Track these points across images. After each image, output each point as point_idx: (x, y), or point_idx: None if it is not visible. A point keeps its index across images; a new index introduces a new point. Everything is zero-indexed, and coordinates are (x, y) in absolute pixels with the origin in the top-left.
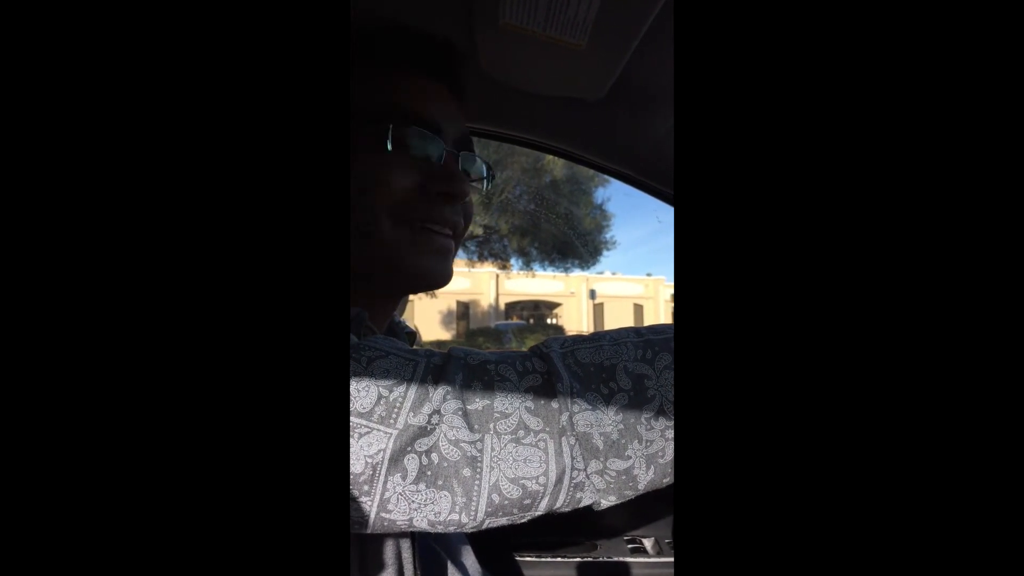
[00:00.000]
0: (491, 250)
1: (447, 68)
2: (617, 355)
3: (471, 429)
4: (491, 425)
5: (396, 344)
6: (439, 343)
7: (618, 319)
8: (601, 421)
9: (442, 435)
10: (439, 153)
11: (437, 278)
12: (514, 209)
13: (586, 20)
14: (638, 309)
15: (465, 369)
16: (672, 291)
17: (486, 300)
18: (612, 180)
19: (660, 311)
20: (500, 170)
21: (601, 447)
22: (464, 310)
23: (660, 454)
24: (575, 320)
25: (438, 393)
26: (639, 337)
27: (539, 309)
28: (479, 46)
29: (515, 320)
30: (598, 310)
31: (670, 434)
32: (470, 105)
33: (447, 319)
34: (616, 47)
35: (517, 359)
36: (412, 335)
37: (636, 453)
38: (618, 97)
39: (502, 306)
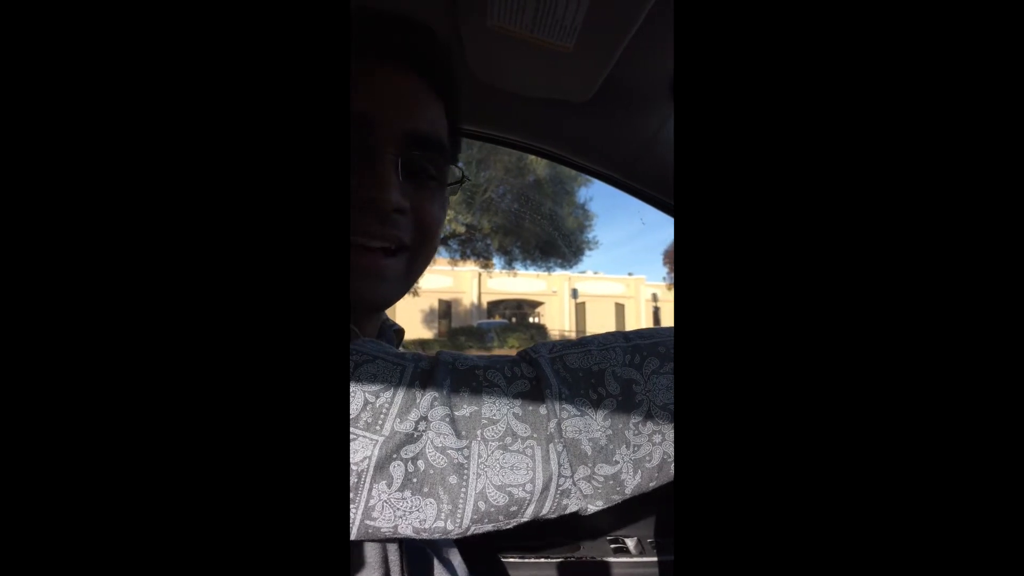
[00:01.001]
0: (474, 249)
1: (402, 47)
2: (605, 360)
3: (458, 436)
4: (478, 432)
5: (383, 348)
6: (421, 342)
7: (600, 318)
8: (590, 427)
9: (429, 442)
10: (364, 154)
11: (362, 301)
12: (497, 208)
13: (574, 22)
14: (619, 308)
15: (453, 374)
16: (652, 291)
17: (468, 299)
18: (595, 180)
19: (641, 310)
20: (483, 169)
21: (589, 453)
22: (446, 309)
23: (647, 458)
24: (557, 319)
25: (425, 399)
26: (627, 342)
27: (521, 308)
28: (466, 47)
29: (497, 319)
30: (580, 309)
31: (657, 439)
32: (447, 93)
33: (429, 318)
34: (604, 50)
35: (506, 364)
36: (399, 333)
37: (624, 458)
38: (605, 100)
39: (484, 305)
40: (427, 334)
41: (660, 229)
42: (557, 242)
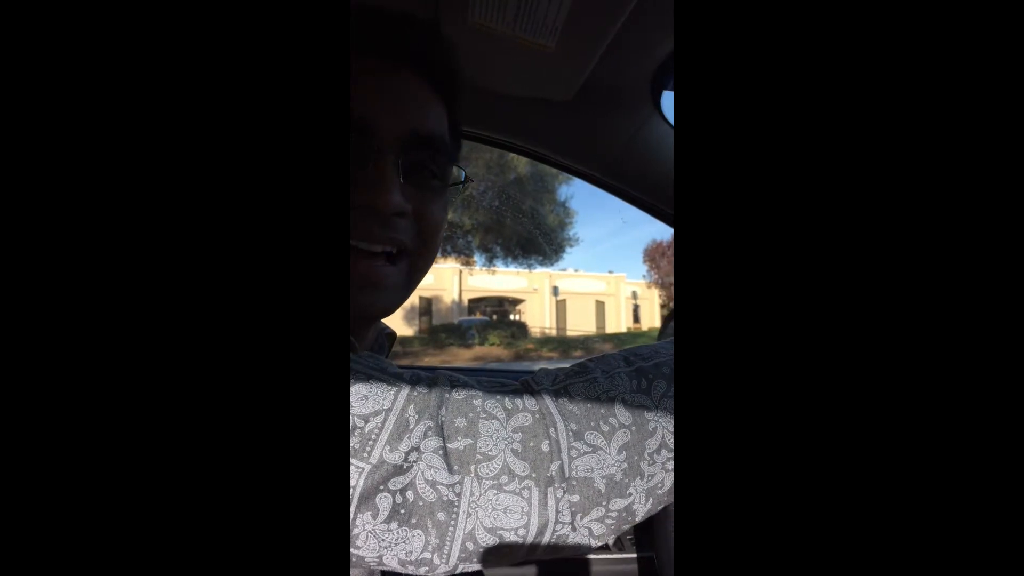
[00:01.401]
0: (455, 246)
1: (400, 44)
2: (613, 388)
3: (450, 471)
4: (472, 467)
5: (379, 365)
6: (402, 339)
7: (580, 315)
8: (603, 463)
9: (419, 473)
10: (364, 156)
11: (362, 311)
12: (478, 205)
13: (556, 22)
14: (600, 306)
15: (450, 403)
16: (632, 289)
17: (449, 296)
18: (576, 178)
19: (621, 308)
20: (463, 166)
21: (603, 490)
22: (427, 306)
23: (659, 486)
24: (538, 317)
25: (419, 428)
26: (629, 366)
27: (502, 305)
28: None
29: (479, 316)
30: (561, 306)
31: (671, 465)
32: (447, 91)
33: (410, 315)
34: (585, 49)
35: (507, 396)
36: (391, 336)
37: (637, 489)
38: (587, 99)
39: (465, 302)
40: (408, 331)
41: (640, 227)
42: (538, 239)
